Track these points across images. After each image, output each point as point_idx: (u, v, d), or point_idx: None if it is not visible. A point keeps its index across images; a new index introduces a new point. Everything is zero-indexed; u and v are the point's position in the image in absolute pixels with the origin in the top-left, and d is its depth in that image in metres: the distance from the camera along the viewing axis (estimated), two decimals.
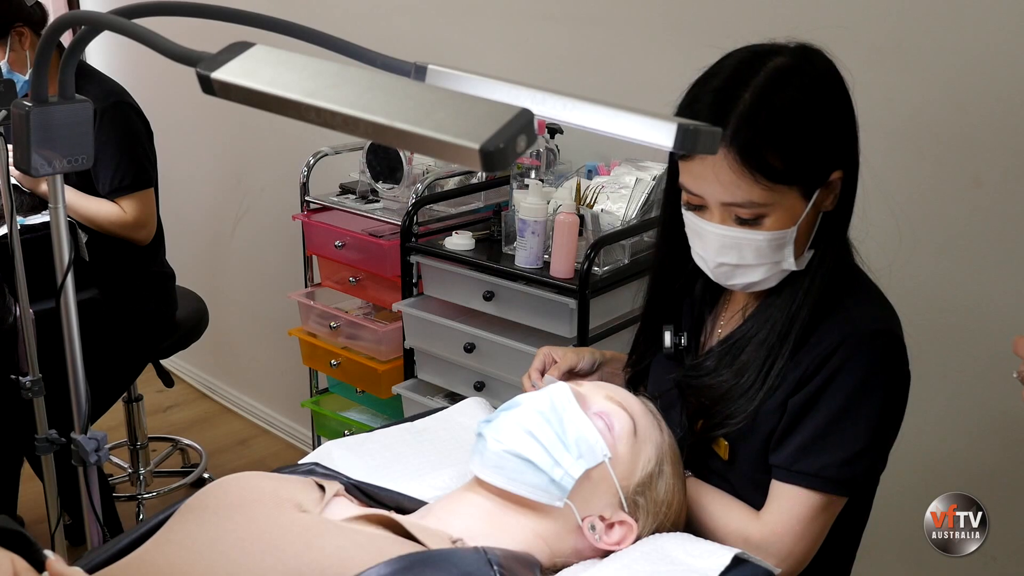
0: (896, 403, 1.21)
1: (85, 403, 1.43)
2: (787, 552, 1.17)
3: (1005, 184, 1.64)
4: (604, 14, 2.12)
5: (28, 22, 2.27)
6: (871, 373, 1.16)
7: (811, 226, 1.20)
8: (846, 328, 1.17)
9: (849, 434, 1.16)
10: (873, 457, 1.19)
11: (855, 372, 1.15)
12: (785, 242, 1.17)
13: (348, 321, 2.36)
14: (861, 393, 1.16)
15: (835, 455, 1.15)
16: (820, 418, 1.16)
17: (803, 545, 1.17)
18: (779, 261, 1.18)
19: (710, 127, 0.80)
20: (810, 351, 1.18)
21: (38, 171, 1.18)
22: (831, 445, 1.16)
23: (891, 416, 1.21)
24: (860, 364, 1.15)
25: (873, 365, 1.16)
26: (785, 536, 1.17)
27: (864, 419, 1.16)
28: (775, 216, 1.15)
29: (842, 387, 1.15)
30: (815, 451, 1.16)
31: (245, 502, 1.03)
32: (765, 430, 1.20)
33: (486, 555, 0.97)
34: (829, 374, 1.16)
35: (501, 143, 0.66)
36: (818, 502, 1.16)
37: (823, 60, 1.20)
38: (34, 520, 2.58)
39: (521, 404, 1.14)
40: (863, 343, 1.16)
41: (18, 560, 0.85)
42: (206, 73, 0.78)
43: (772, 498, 1.19)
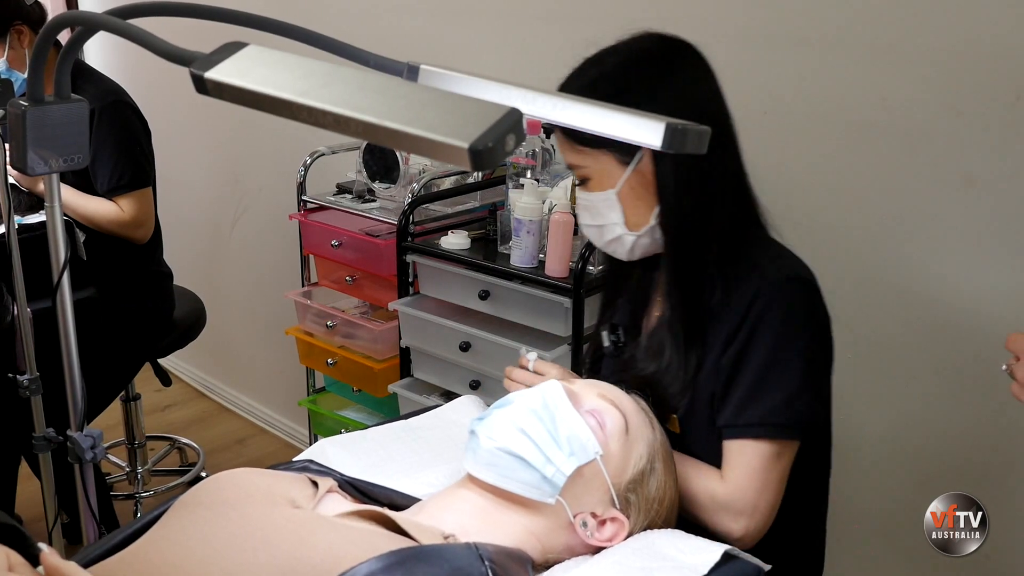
0: (821, 343, 1.28)
1: (81, 400, 1.44)
2: (752, 505, 1.22)
3: (997, 183, 1.65)
4: (597, 14, 2.13)
5: (27, 21, 2.28)
6: (791, 317, 1.23)
7: (643, 194, 1.28)
8: (759, 281, 1.25)
9: (783, 379, 1.22)
10: (810, 398, 1.24)
11: (775, 319, 1.23)
12: (611, 204, 1.29)
13: (345, 320, 2.37)
14: (785, 338, 1.23)
15: (774, 401, 1.22)
16: (752, 370, 1.23)
17: (767, 496, 1.22)
18: (615, 222, 1.30)
19: (698, 126, 0.81)
20: (731, 310, 1.25)
21: (34, 170, 1.19)
22: (768, 392, 1.22)
23: (820, 356, 1.28)
24: (779, 310, 1.23)
25: (791, 309, 1.24)
26: (748, 490, 1.22)
27: (794, 362, 1.23)
28: (595, 178, 1.30)
29: (766, 335, 1.23)
30: (754, 402, 1.22)
31: (239, 498, 1.04)
32: (706, 395, 1.26)
33: (478, 551, 0.98)
34: (751, 326, 1.23)
35: (490, 142, 0.67)
36: (770, 450, 1.22)
37: (661, 44, 1.33)
38: (32, 519, 2.58)
39: (513, 402, 1.14)
40: (777, 290, 1.24)
41: (13, 554, 0.85)
42: (200, 73, 0.79)
43: (727, 457, 1.25)
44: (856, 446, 1.91)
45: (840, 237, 1.85)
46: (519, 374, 1.35)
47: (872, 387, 1.87)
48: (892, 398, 1.85)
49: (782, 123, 1.87)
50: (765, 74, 1.87)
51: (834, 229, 1.86)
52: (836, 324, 1.88)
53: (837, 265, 1.87)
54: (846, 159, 1.80)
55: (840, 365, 1.89)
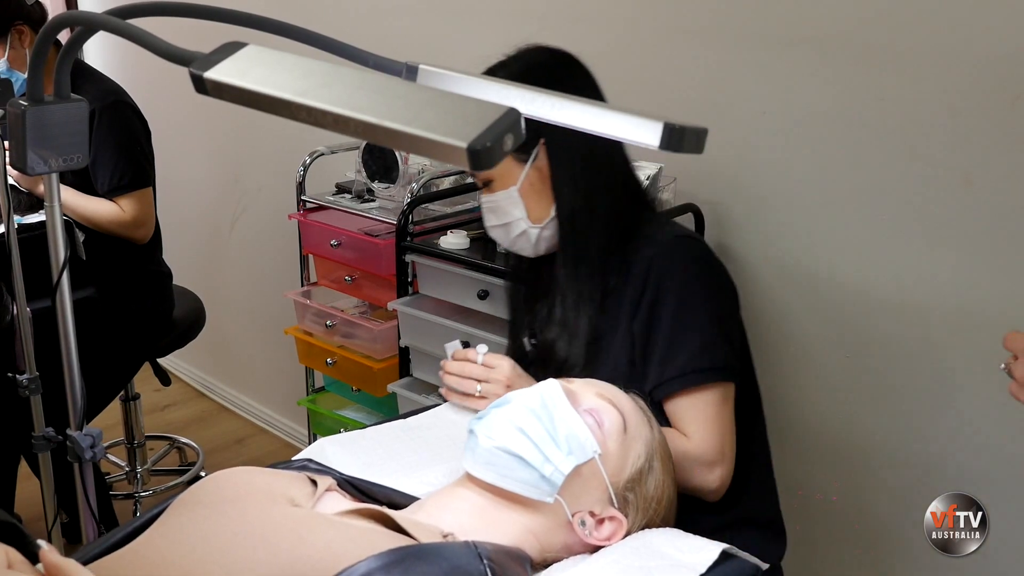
0: (722, 291, 1.40)
1: (81, 399, 1.45)
2: (719, 451, 1.31)
3: (996, 183, 1.65)
4: (595, 15, 2.13)
5: (28, 20, 2.29)
6: (688, 271, 1.35)
7: (542, 188, 1.42)
8: (651, 248, 1.37)
9: (694, 328, 1.33)
10: (723, 343, 1.35)
11: (674, 276, 1.34)
12: (514, 200, 1.42)
13: (344, 320, 2.37)
14: (687, 291, 1.34)
15: (691, 350, 1.32)
16: (665, 326, 1.32)
17: (727, 440, 1.32)
18: (520, 217, 1.43)
19: (696, 126, 0.81)
20: (631, 282, 1.36)
21: (34, 169, 1.19)
22: (685, 344, 1.32)
23: (723, 303, 1.39)
24: (676, 267, 1.35)
25: (687, 264, 1.36)
26: (712, 438, 1.31)
27: (700, 311, 1.34)
28: (497, 179, 1.43)
29: (669, 294, 1.33)
30: (674, 355, 1.31)
31: (238, 497, 1.04)
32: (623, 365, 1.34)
33: (476, 549, 0.98)
34: (654, 289, 1.34)
35: (488, 142, 0.67)
36: (714, 396, 1.31)
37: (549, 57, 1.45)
38: (32, 518, 2.59)
39: (512, 401, 1.15)
40: (670, 251, 1.36)
41: (12, 551, 0.86)
42: (199, 73, 0.79)
43: (679, 417, 1.33)
44: (856, 446, 1.92)
45: (837, 237, 1.86)
46: (470, 368, 1.39)
47: (871, 387, 1.88)
48: (891, 398, 1.85)
49: (780, 123, 1.87)
50: (763, 74, 1.87)
51: (831, 229, 1.86)
52: (833, 324, 1.90)
53: (834, 264, 1.87)
54: (843, 159, 1.81)
55: (839, 365, 1.91)
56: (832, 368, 1.92)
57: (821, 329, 1.92)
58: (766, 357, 1.99)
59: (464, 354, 1.41)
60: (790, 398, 1.98)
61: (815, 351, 1.93)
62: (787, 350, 1.96)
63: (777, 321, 1.96)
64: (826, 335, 1.92)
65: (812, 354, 1.94)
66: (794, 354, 1.96)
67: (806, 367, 1.95)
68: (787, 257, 1.93)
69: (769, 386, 2.00)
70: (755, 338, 1.98)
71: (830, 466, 1.96)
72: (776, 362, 1.96)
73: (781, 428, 1.99)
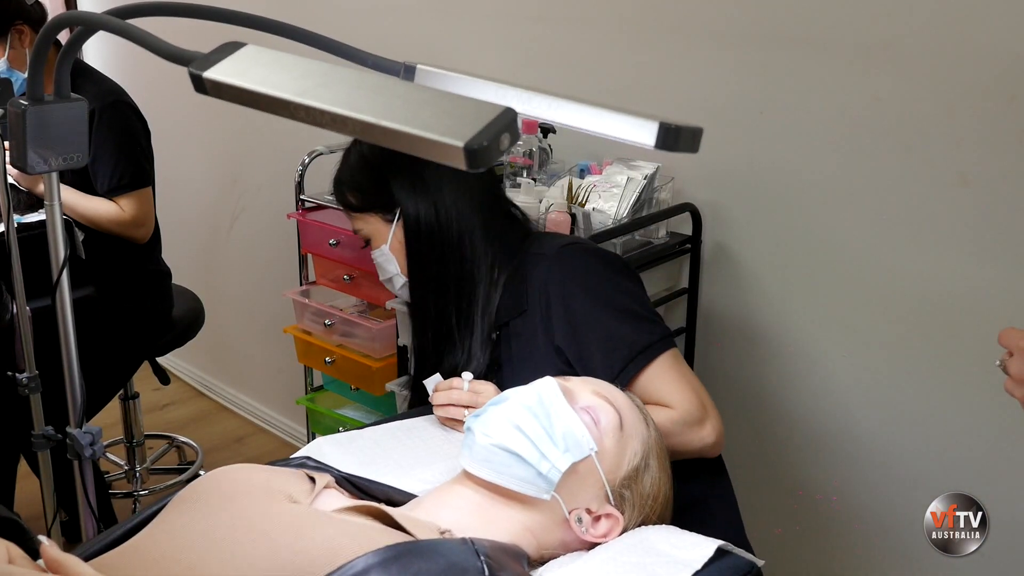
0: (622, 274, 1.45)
1: (80, 397, 1.45)
2: (701, 405, 1.35)
3: (991, 182, 1.66)
4: (594, 15, 2.14)
5: (28, 20, 2.29)
6: (584, 272, 1.40)
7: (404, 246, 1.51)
8: (540, 267, 1.42)
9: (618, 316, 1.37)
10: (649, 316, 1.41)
11: (574, 281, 1.39)
12: (387, 257, 1.53)
13: (342, 319, 2.37)
14: (592, 290, 1.38)
15: (627, 337, 1.36)
16: (589, 330, 1.36)
17: (700, 391, 1.38)
18: (396, 273, 1.53)
19: (691, 126, 0.82)
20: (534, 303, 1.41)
21: (34, 168, 1.20)
22: (617, 335, 1.36)
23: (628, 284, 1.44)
24: (572, 273, 1.39)
25: (579, 265, 1.40)
26: (689, 398, 1.34)
27: (614, 302, 1.39)
28: (373, 237, 1.55)
29: (576, 300, 1.38)
30: (613, 348, 1.36)
31: (237, 493, 1.05)
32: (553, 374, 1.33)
33: (473, 546, 0.99)
34: (559, 300, 1.38)
35: (485, 141, 0.68)
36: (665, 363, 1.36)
37: None
38: (31, 517, 2.59)
39: (509, 399, 1.15)
40: (558, 260, 1.41)
41: (12, 547, 0.86)
42: (198, 72, 0.80)
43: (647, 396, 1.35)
44: (856, 446, 1.92)
45: (835, 236, 1.86)
46: (457, 395, 1.39)
47: (870, 387, 1.88)
48: (890, 397, 1.86)
49: (777, 122, 1.88)
50: (760, 74, 1.88)
51: (829, 228, 1.87)
52: (832, 323, 1.90)
53: (832, 264, 1.88)
54: (840, 158, 1.81)
55: (838, 365, 1.91)
56: (832, 368, 1.92)
57: (820, 328, 1.92)
58: (765, 356, 1.99)
59: (449, 383, 1.41)
60: (790, 398, 1.98)
61: (814, 350, 1.94)
62: (786, 349, 1.97)
63: (775, 320, 1.96)
64: (825, 334, 1.92)
65: (811, 354, 1.94)
66: (793, 354, 1.96)
67: (806, 367, 1.95)
68: (785, 256, 1.93)
69: (769, 386, 2.01)
70: (754, 338, 1.99)
71: (830, 466, 1.96)
72: (775, 362, 1.97)
73: (781, 428, 1.99)
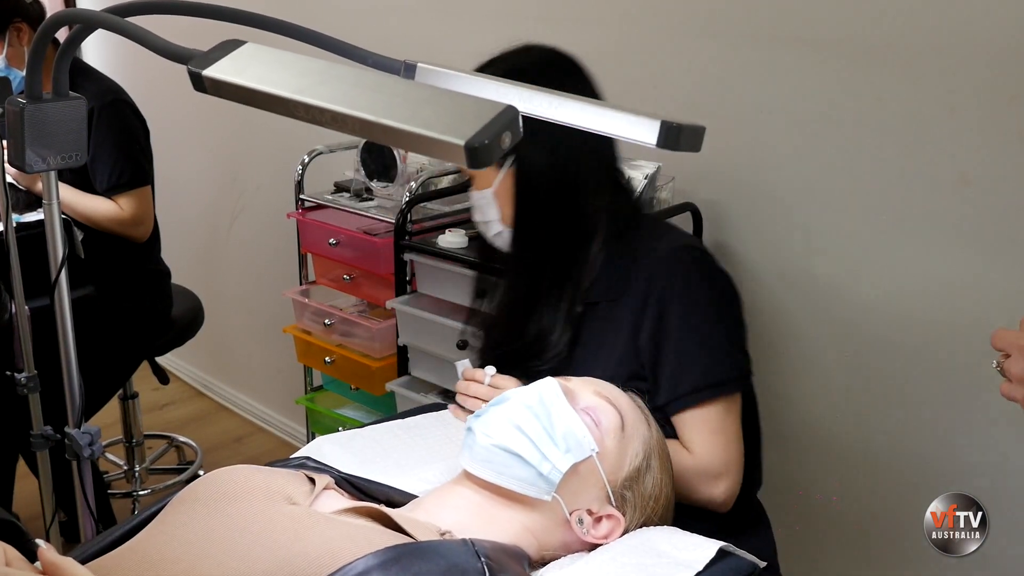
0: (727, 299, 1.38)
1: (79, 397, 1.45)
2: (724, 464, 1.30)
3: (992, 182, 1.65)
4: (594, 15, 2.13)
5: (27, 18, 2.29)
6: (691, 283, 1.33)
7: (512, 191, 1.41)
8: (650, 261, 1.34)
9: (703, 342, 1.31)
10: (734, 351, 1.35)
11: (678, 289, 1.32)
12: (489, 201, 1.42)
13: (342, 318, 2.37)
14: (693, 304, 1.32)
15: (703, 364, 1.30)
16: (673, 342, 1.31)
17: (732, 453, 1.30)
18: (495, 219, 1.44)
19: (693, 125, 0.81)
20: (631, 293, 1.34)
21: (32, 167, 1.19)
22: (695, 359, 1.31)
23: (729, 311, 1.37)
24: (678, 281, 1.32)
25: (689, 275, 1.34)
26: (715, 452, 1.29)
27: (708, 323, 1.32)
28: (477, 178, 1.44)
29: (674, 307, 1.31)
30: (685, 370, 1.30)
31: (236, 494, 1.04)
32: (624, 377, 1.30)
33: (474, 547, 0.98)
34: (657, 303, 1.32)
35: (486, 139, 0.68)
36: (718, 410, 1.29)
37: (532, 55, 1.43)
38: (30, 517, 2.58)
39: (509, 399, 1.15)
40: (671, 263, 1.34)
41: (10, 550, 0.86)
42: (197, 70, 0.79)
43: (682, 430, 1.31)
44: (856, 446, 1.92)
45: (836, 236, 1.86)
46: (475, 388, 1.37)
47: (871, 386, 1.88)
48: (891, 397, 1.85)
49: (778, 122, 1.87)
50: (761, 73, 1.87)
51: (829, 228, 1.86)
52: (832, 323, 1.90)
53: (833, 264, 1.87)
54: (842, 158, 1.81)
55: (838, 365, 1.91)
56: (832, 368, 1.92)
57: (820, 328, 1.92)
58: (765, 357, 1.99)
59: (472, 374, 1.39)
60: (790, 398, 1.98)
61: (814, 350, 1.93)
62: (786, 350, 1.96)
63: (776, 320, 1.96)
64: (825, 334, 1.92)
65: (811, 354, 1.94)
66: (793, 354, 1.96)
67: (805, 367, 1.95)
68: (785, 256, 1.93)
69: (769, 386, 2.00)
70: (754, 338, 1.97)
71: (830, 466, 1.96)
72: (775, 362, 1.96)
73: (781, 428, 1.99)
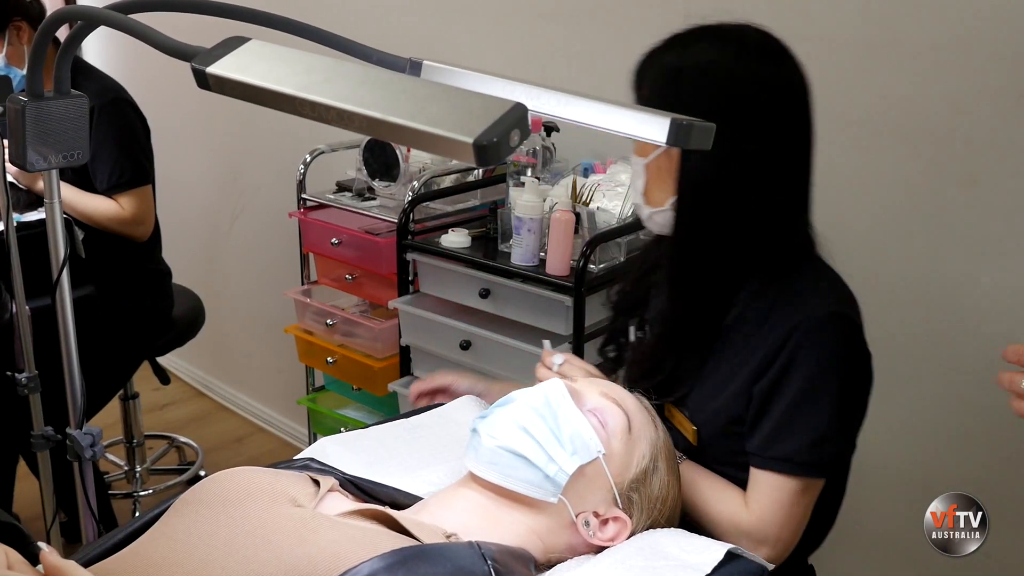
0: (857, 385, 1.25)
1: (81, 398, 1.44)
2: (775, 537, 1.22)
3: (1000, 182, 1.65)
4: (600, 12, 2.12)
5: (26, 17, 2.28)
6: (828, 356, 1.20)
7: (666, 176, 1.26)
8: (800, 313, 1.21)
9: (813, 418, 1.20)
10: (839, 439, 1.23)
11: (812, 356, 1.19)
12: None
13: (344, 318, 2.36)
14: (820, 376, 1.20)
15: (802, 439, 1.20)
16: (784, 403, 1.20)
17: (788, 529, 1.22)
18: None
19: (703, 122, 0.80)
20: (767, 336, 1.22)
21: (34, 166, 1.18)
22: (797, 430, 1.20)
23: (853, 398, 1.24)
24: (816, 348, 1.20)
25: (829, 348, 1.20)
26: (772, 522, 1.21)
27: (826, 402, 1.20)
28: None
29: (801, 371, 1.19)
30: (782, 437, 1.20)
31: (240, 497, 1.03)
32: (727, 417, 1.24)
33: (480, 549, 0.97)
34: (787, 359, 1.20)
35: (495, 137, 0.67)
36: (795, 487, 1.21)
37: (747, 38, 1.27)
38: (30, 517, 2.58)
39: (515, 400, 1.14)
40: (817, 327, 1.20)
41: (12, 552, 0.85)
42: (201, 68, 0.78)
43: (752, 484, 1.23)
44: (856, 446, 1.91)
45: (841, 236, 1.84)
46: (543, 373, 1.32)
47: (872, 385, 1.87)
48: (892, 397, 1.84)
49: None
50: None
51: (835, 227, 1.84)
52: None
53: (837, 264, 1.86)
54: (848, 157, 1.80)
55: None
56: None
57: None
58: None
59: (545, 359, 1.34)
60: None
61: None
62: None
63: None
64: None
65: None
66: None
67: None
68: None
69: None
70: None
71: None
72: None
73: None
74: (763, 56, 1.24)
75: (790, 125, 1.25)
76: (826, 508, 1.35)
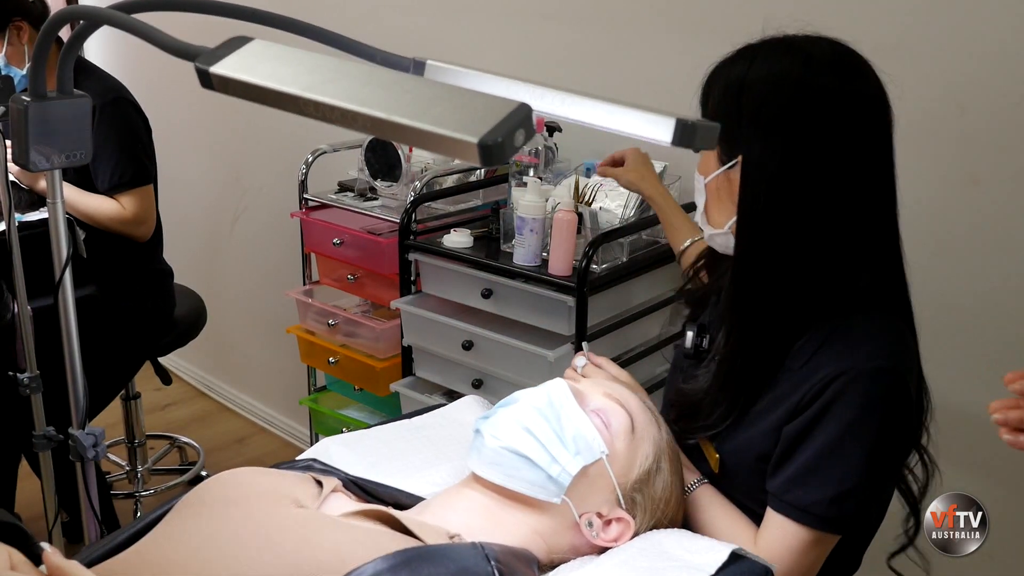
0: (893, 443, 1.16)
1: (83, 399, 1.44)
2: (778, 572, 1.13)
3: (1003, 183, 1.64)
4: (603, 13, 2.12)
5: (27, 16, 2.28)
6: (867, 411, 1.12)
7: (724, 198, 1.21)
8: (847, 359, 1.12)
9: (840, 471, 1.12)
10: (864, 496, 1.14)
11: (850, 407, 1.11)
12: (700, 190, 1.25)
13: (346, 319, 2.36)
14: (855, 429, 1.11)
15: (824, 491, 1.12)
16: (812, 450, 1.13)
17: (793, 572, 1.15)
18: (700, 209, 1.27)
19: (708, 122, 0.80)
20: (808, 377, 1.14)
21: (36, 166, 1.18)
22: (821, 480, 1.13)
23: (886, 456, 1.16)
24: (856, 400, 1.11)
25: (870, 402, 1.11)
26: (778, 567, 1.13)
27: (856, 457, 1.12)
28: (702, 160, 1.24)
29: (836, 421, 1.12)
30: (805, 484, 1.13)
31: (243, 497, 1.03)
32: (755, 452, 1.18)
33: (483, 550, 0.97)
34: (824, 405, 1.12)
35: (499, 137, 0.66)
36: (808, 537, 1.14)
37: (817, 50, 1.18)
38: (32, 517, 2.58)
39: (519, 400, 1.14)
40: (861, 379, 1.11)
41: (15, 553, 0.85)
42: (205, 67, 0.78)
43: (766, 524, 1.18)
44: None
45: None
46: (570, 375, 1.29)
47: None
48: None
49: None
50: None
51: None
52: None
53: None
54: None
55: None
56: None
57: None
58: None
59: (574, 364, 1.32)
60: None
61: None
62: None
63: None
64: None
65: None
66: None
67: None
68: None
69: None
70: None
71: None
72: None
73: None
74: (833, 68, 1.15)
75: (861, 143, 1.15)
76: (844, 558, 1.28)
